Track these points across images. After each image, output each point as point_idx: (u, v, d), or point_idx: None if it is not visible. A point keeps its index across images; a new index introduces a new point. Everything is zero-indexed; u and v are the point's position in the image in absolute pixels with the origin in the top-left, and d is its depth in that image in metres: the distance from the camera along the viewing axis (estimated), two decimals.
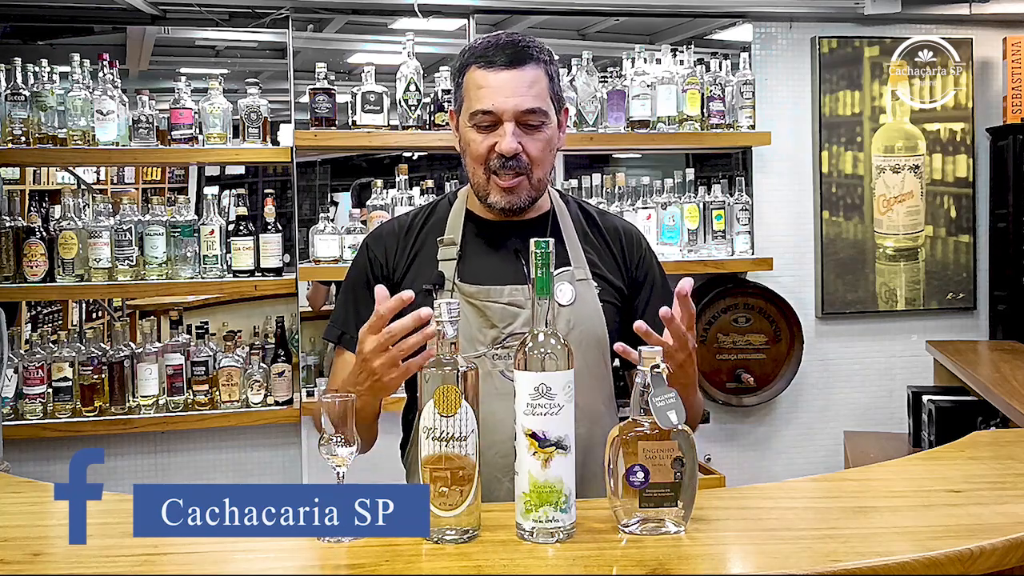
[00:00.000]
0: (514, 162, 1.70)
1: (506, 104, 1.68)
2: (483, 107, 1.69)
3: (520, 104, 1.68)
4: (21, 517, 1.56)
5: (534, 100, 1.69)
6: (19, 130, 3.15)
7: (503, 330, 1.72)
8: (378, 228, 1.92)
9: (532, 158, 1.71)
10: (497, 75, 1.69)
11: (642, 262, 1.86)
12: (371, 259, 1.84)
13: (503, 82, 1.68)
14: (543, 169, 1.74)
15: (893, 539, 1.37)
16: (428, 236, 1.82)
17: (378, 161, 3.64)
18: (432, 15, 3.57)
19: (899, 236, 3.98)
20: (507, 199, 1.73)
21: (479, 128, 1.71)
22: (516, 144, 1.68)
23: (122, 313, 3.54)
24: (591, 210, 1.91)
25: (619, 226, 1.89)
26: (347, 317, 1.83)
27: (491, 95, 1.68)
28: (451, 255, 1.78)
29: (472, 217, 1.83)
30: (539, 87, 1.70)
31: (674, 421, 1.37)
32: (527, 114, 1.69)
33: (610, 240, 1.86)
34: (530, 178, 1.72)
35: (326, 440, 1.42)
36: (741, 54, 3.73)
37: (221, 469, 3.42)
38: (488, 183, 1.73)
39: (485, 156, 1.71)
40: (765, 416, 3.94)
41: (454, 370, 1.37)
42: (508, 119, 1.68)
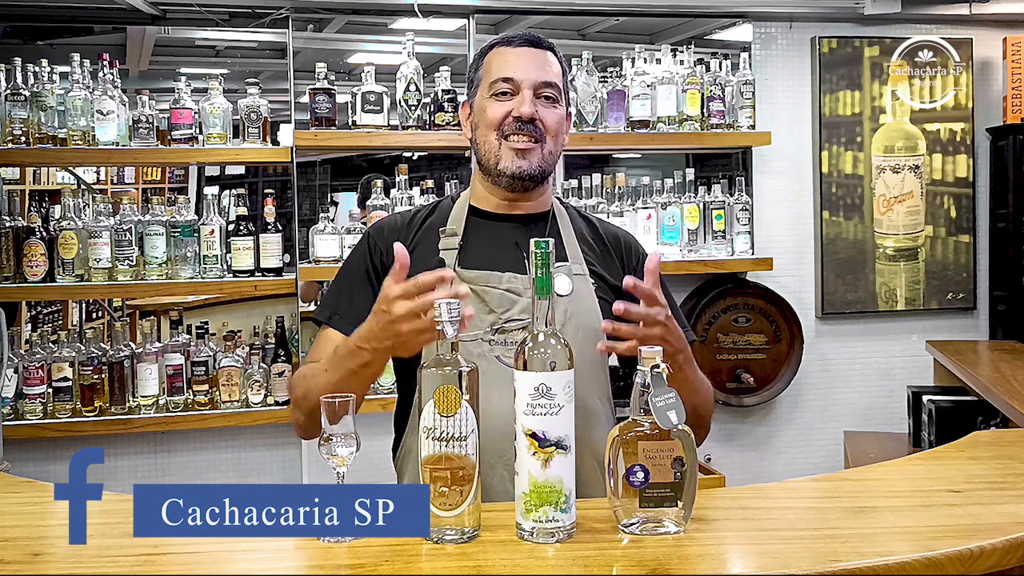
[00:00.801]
0: (530, 126, 1.76)
1: (527, 73, 1.76)
2: (504, 74, 1.77)
3: (539, 76, 1.77)
4: (21, 517, 1.56)
5: (552, 75, 1.79)
6: (19, 130, 3.15)
7: (501, 315, 1.74)
8: (380, 220, 1.94)
9: (547, 127, 1.78)
10: (518, 50, 1.79)
11: (639, 264, 1.88)
12: (371, 248, 1.84)
13: (524, 55, 1.79)
14: (555, 143, 1.81)
15: (893, 539, 1.37)
16: (430, 230, 1.84)
17: (378, 161, 3.64)
18: (432, 15, 3.57)
19: (899, 236, 3.99)
20: (518, 163, 1.77)
21: (497, 97, 1.78)
22: (533, 109, 1.75)
23: (122, 313, 3.54)
24: (591, 217, 1.96)
25: (617, 234, 1.94)
26: (339, 301, 1.83)
27: (512, 65, 1.77)
28: (452, 244, 1.81)
29: (474, 211, 1.86)
30: (556, 69, 1.81)
31: (674, 421, 1.37)
32: (544, 86, 1.77)
33: (610, 245, 1.90)
34: (543, 147, 1.78)
35: (326, 440, 1.42)
36: (741, 54, 3.73)
37: (221, 469, 3.42)
38: (500, 148, 1.78)
39: (500, 121, 1.77)
40: (765, 416, 3.94)
41: (454, 370, 1.37)
42: (527, 87, 1.76)
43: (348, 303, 1.82)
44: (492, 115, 1.77)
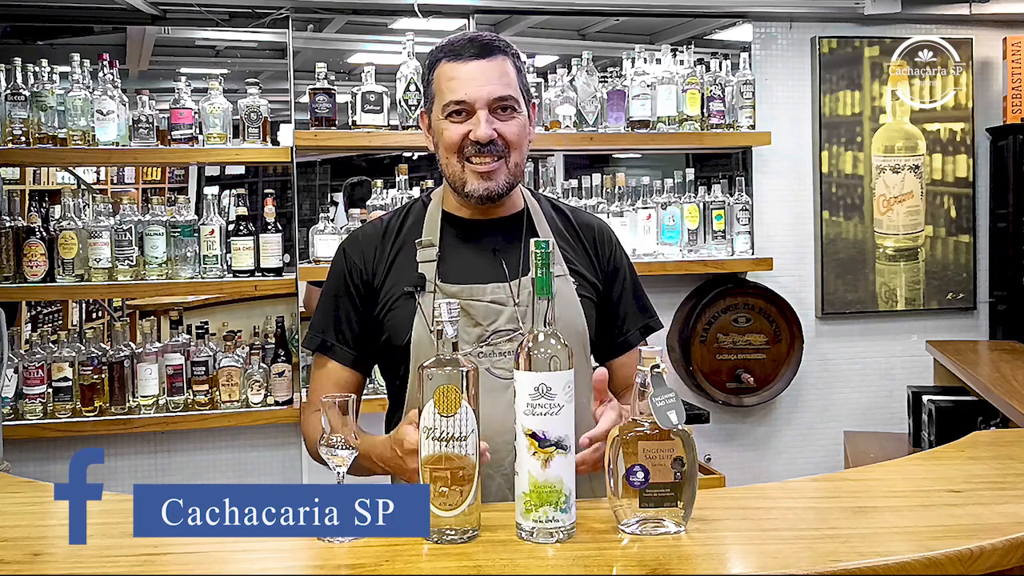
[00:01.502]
0: (491, 147, 1.71)
1: (479, 92, 1.69)
2: (455, 97, 1.70)
3: (492, 92, 1.70)
4: (21, 517, 1.56)
5: (505, 88, 1.71)
6: (19, 130, 3.15)
7: (487, 328, 1.73)
8: (353, 233, 1.91)
9: (509, 141, 1.72)
10: (467, 66, 1.70)
11: (612, 256, 1.89)
12: (349, 266, 1.82)
13: (474, 72, 1.70)
14: (520, 154, 1.75)
15: (893, 539, 1.37)
16: (406, 239, 1.82)
17: (378, 161, 3.64)
18: (432, 15, 3.57)
19: (899, 236, 3.99)
20: (484, 185, 1.73)
21: (452, 118, 1.72)
22: (491, 130, 1.70)
23: (122, 313, 3.54)
24: (563, 207, 1.92)
25: (590, 222, 1.92)
26: (327, 324, 1.83)
27: (463, 85, 1.70)
28: (430, 256, 1.78)
29: (448, 217, 1.82)
30: (508, 77, 1.73)
31: (674, 421, 1.37)
32: (499, 101, 1.71)
33: (583, 236, 1.88)
34: (507, 162, 1.73)
35: (326, 440, 1.42)
36: (741, 54, 3.73)
37: (221, 469, 3.42)
38: (463, 171, 1.73)
39: (459, 143, 1.71)
40: (765, 416, 3.94)
41: (454, 370, 1.37)
42: (481, 107, 1.70)
43: (338, 328, 1.82)
44: (449, 139, 1.72)
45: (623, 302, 1.88)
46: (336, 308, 1.83)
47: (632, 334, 1.88)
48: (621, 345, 1.88)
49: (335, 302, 1.83)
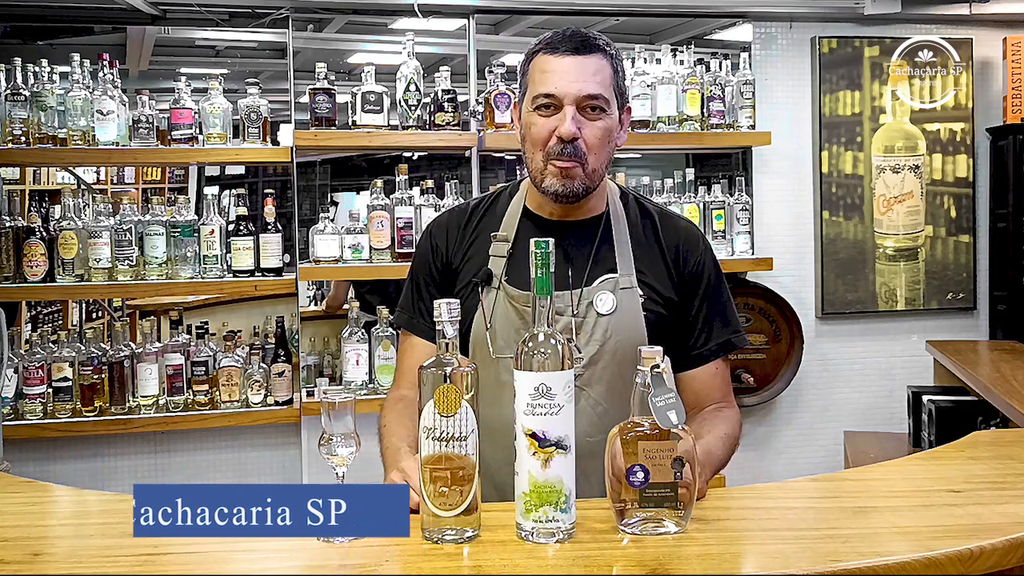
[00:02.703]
0: (571, 147, 1.69)
1: (569, 88, 1.68)
2: (546, 90, 1.70)
3: (582, 89, 1.68)
4: (21, 517, 1.56)
5: (596, 86, 1.69)
6: (19, 130, 3.15)
7: None
8: (440, 215, 1.95)
9: (589, 145, 1.70)
10: (561, 60, 1.70)
11: (697, 264, 1.82)
12: (433, 247, 1.87)
13: (567, 67, 1.69)
14: (599, 159, 1.73)
15: (893, 539, 1.37)
16: (485, 228, 1.83)
17: (378, 161, 3.64)
18: (432, 15, 3.57)
19: (899, 236, 3.99)
20: (562, 183, 1.72)
21: (540, 111, 1.71)
22: (575, 128, 1.68)
23: (122, 313, 3.54)
24: (653, 211, 1.87)
25: (677, 228, 1.85)
26: (412, 303, 1.88)
27: (554, 79, 1.69)
28: (502, 252, 1.79)
29: (528, 214, 1.83)
30: (603, 75, 1.70)
31: (674, 421, 1.37)
32: (588, 99, 1.69)
33: (665, 240, 1.82)
34: (584, 166, 1.71)
35: (326, 440, 1.42)
36: (741, 54, 3.73)
37: (221, 469, 3.42)
38: (545, 168, 1.73)
39: (545, 140, 1.71)
40: (765, 416, 3.94)
41: (454, 370, 1.37)
42: (569, 103, 1.68)
43: (420, 304, 1.86)
44: (536, 133, 1.71)
45: (702, 313, 1.80)
46: (418, 287, 1.88)
47: (707, 348, 1.81)
48: (694, 359, 1.81)
49: (418, 281, 1.88)
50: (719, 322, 1.82)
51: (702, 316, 1.81)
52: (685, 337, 1.81)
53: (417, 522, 1.39)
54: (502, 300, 1.75)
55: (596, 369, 1.72)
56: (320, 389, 3.44)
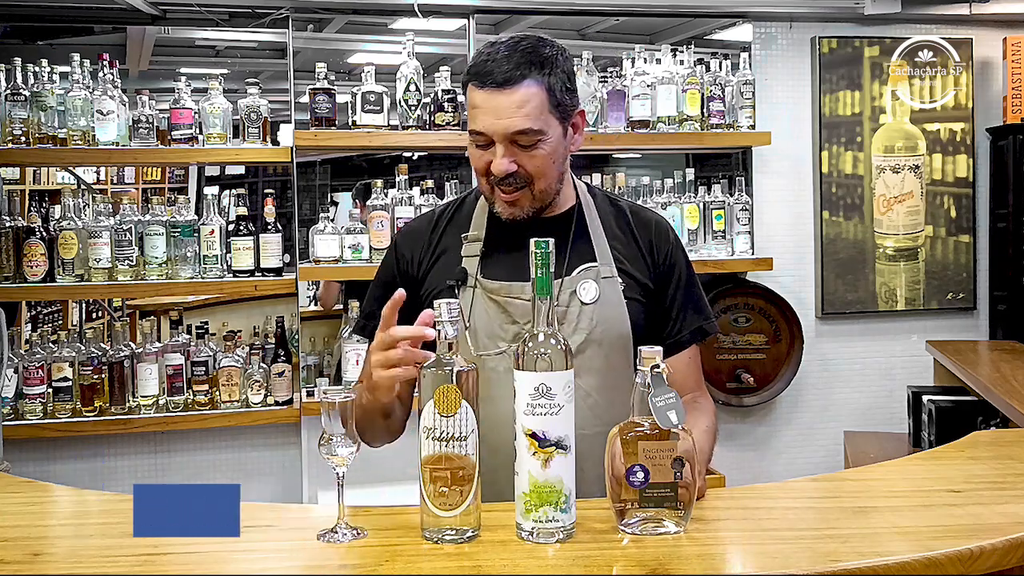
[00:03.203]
0: (511, 179, 1.69)
1: (495, 127, 1.66)
2: (475, 127, 1.69)
3: (509, 127, 1.65)
4: (21, 517, 1.56)
5: (524, 121, 1.65)
6: (19, 130, 3.15)
7: (523, 326, 1.72)
8: (407, 225, 1.95)
9: (530, 172, 1.69)
10: (488, 96, 1.66)
11: (669, 254, 1.84)
12: (398, 257, 1.87)
13: (493, 105, 1.66)
14: (545, 180, 1.72)
15: (893, 539, 1.37)
16: (454, 232, 1.84)
17: (378, 161, 3.64)
18: (432, 15, 3.57)
19: (899, 236, 3.98)
20: (509, 211, 1.74)
21: (477, 143, 1.71)
22: (508, 165, 1.67)
23: (122, 313, 3.54)
24: (622, 204, 1.89)
25: (648, 220, 1.87)
26: (371, 311, 1.88)
27: (482, 116, 1.67)
28: (475, 251, 1.80)
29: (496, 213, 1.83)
30: (531, 106, 1.65)
31: (674, 421, 1.37)
32: (518, 135, 1.66)
33: (639, 235, 1.84)
34: (532, 190, 1.72)
35: (326, 440, 1.42)
36: (741, 54, 3.73)
37: (221, 469, 3.42)
38: (492, 194, 1.74)
39: (484, 170, 1.72)
40: (765, 416, 3.94)
41: (454, 370, 1.37)
42: (499, 140, 1.67)
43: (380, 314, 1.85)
44: (476, 164, 1.72)
45: (677, 302, 1.83)
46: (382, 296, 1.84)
47: (684, 335, 1.83)
48: (672, 347, 1.81)
49: (382, 290, 1.87)
50: (692, 310, 1.84)
51: (676, 305, 1.83)
52: (660, 326, 1.83)
53: (418, 522, 1.39)
54: (480, 297, 1.76)
55: (584, 359, 1.71)
56: (320, 389, 3.44)
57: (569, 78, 1.72)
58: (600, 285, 1.75)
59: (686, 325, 1.83)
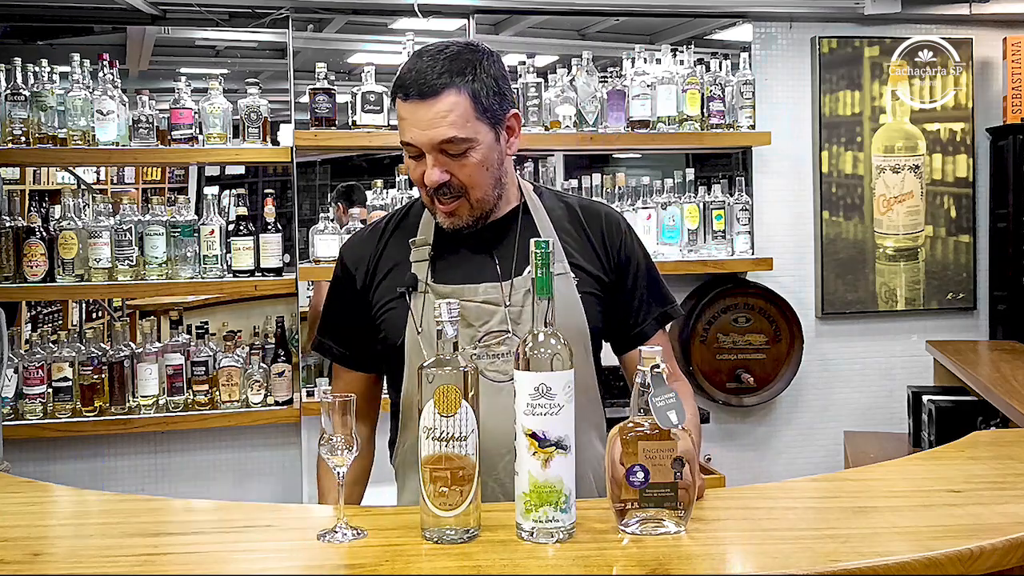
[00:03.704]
0: (446, 188, 1.68)
1: (421, 138, 1.64)
2: (403, 139, 1.68)
3: (434, 137, 1.63)
4: (21, 517, 1.56)
5: (449, 130, 1.62)
6: (19, 130, 3.15)
7: (479, 329, 1.71)
8: (352, 237, 1.93)
9: (463, 181, 1.67)
10: (412, 108, 1.64)
11: (623, 245, 1.82)
12: (345, 271, 1.85)
13: (418, 115, 1.64)
14: (481, 189, 1.70)
15: (893, 539, 1.37)
16: (401, 239, 1.82)
17: (378, 161, 3.64)
18: (432, 15, 3.57)
19: (899, 236, 3.99)
20: (449, 220, 1.72)
21: (410, 156, 1.70)
22: (439, 175, 1.66)
23: (122, 313, 3.54)
24: (568, 200, 1.87)
25: (598, 212, 1.85)
26: (326, 328, 1.89)
27: (408, 128, 1.66)
28: (423, 256, 1.78)
29: None
30: (455, 114, 1.62)
31: (674, 421, 1.37)
32: (445, 143, 1.64)
33: (589, 228, 1.82)
34: (469, 199, 1.70)
35: (326, 440, 1.42)
36: (741, 54, 3.73)
37: (221, 469, 3.42)
38: (432, 204, 1.73)
39: (420, 181, 1.70)
40: (765, 416, 3.94)
41: (454, 370, 1.37)
42: (428, 151, 1.65)
43: (335, 331, 1.87)
44: (412, 175, 1.72)
45: (637, 292, 1.82)
46: (335, 313, 1.88)
47: (648, 324, 1.82)
48: (637, 337, 1.81)
49: (334, 307, 1.88)
50: (653, 298, 1.84)
51: (637, 295, 1.82)
52: (624, 318, 1.82)
53: (418, 522, 1.39)
54: (432, 302, 1.73)
55: None
56: (320, 389, 3.44)
57: (497, 82, 1.68)
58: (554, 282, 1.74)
59: (649, 314, 1.83)
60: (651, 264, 1.88)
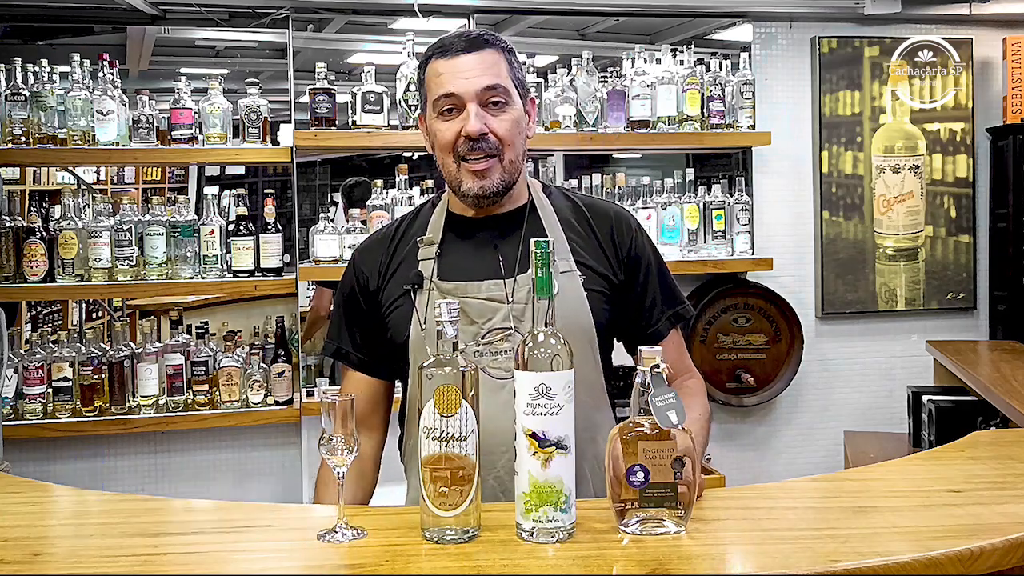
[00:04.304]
0: (482, 143, 1.69)
1: (467, 85, 1.68)
2: (444, 91, 1.70)
3: (480, 83, 1.68)
4: (21, 517, 1.56)
5: (493, 78, 1.69)
6: (19, 130, 3.15)
7: (482, 326, 1.71)
8: (366, 240, 1.94)
9: (500, 137, 1.70)
10: (455, 60, 1.70)
11: (633, 244, 1.82)
12: (356, 274, 1.86)
13: (462, 65, 1.69)
14: (514, 150, 1.73)
15: (893, 539, 1.37)
16: (411, 239, 1.83)
17: (378, 161, 3.64)
18: (432, 15, 3.57)
19: (899, 236, 3.99)
20: (479, 184, 1.72)
21: (444, 116, 1.71)
22: (481, 124, 1.68)
23: (122, 313, 3.54)
24: (576, 198, 1.88)
25: (606, 212, 1.85)
26: (340, 332, 1.88)
27: (451, 79, 1.69)
28: (430, 254, 1.78)
29: (451, 216, 1.83)
30: (498, 68, 1.71)
31: (674, 421, 1.37)
32: (489, 91, 1.69)
33: (597, 227, 1.82)
34: (501, 159, 1.71)
35: (326, 440, 1.42)
36: (741, 54, 3.73)
37: (221, 469, 3.42)
38: (459, 171, 1.73)
39: (453, 143, 1.71)
40: (765, 416, 3.94)
41: (454, 370, 1.37)
42: (471, 99, 1.69)
43: (348, 333, 1.87)
44: (443, 138, 1.71)
45: (649, 291, 1.82)
46: (346, 316, 1.88)
47: (662, 323, 1.82)
48: (652, 336, 1.81)
49: (345, 310, 1.88)
50: (665, 298, 1.83)
51: (649, 295, 1.82)
52: (636, 318, 1.82)
53: (418, 522, 1.39)
54: (436, 299, 1.73)
55: None
56: (320, 389, 3.44)
57: (520, 64, 1.78)
58: (558, 280, 1.72)
59: (663, 313, 1.83)
60: (662, 264, 1.87)
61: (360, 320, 1.84)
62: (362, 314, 1.84)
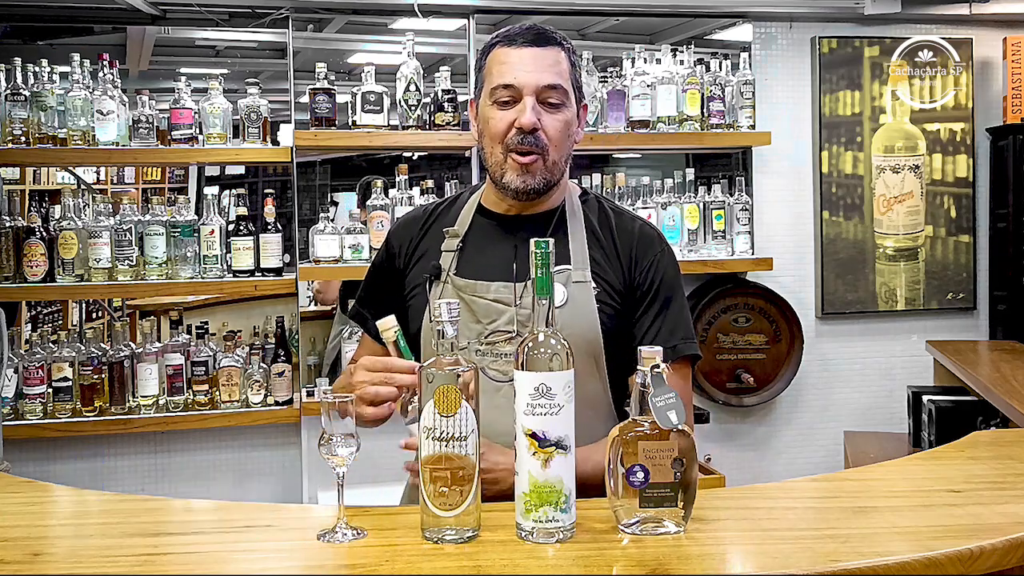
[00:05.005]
0: (532, 138, 1.68)
1: (527, 78, 1.68)
2: (504, 81, 1.70)
3: (541, 79, 1.69)
4: (21, 517, 1.56)
5: (555, 76, 1.70)
6: (19, 130, 3.15)
7: (487, 326, 1.71)
8: (403, 216, 1.96)
9: (549, 137, 1.70)
10: (520, 51, 1.70)
11: (651, 267, 1.77)
12: (389, 248, 1.89)
13: (525, 58, 1.70)
14: (559, 152, 1.72)
15: (893, 539, 1.37)
16: (439, 227, 1.84)
17: (378, 161, 3.64)
18: (432, 15, 3.57)
19: (899, 236, 3.99)
20: (522, 178, 1.71)
21: (500, 105, 1.71)
22: (535, 119, 1.68)
23: (122, 313, 3.54)
24: (611, 210, 1.84)
25: (631, 229, 1.81)
26: (365, 297, 1.92)
27: (513, 70, 1.69)
28: (452, 247, 1.79)
29: (482, 210, 1.83)
30: (560, 67, 1.71)
31: (674, 421, 1.37)
32: (548, 90, 1.69)
33: (619, 240, 1.79)
34: (545, 159, 1.71)
35: (326, 440, 1.42)
36: (741, 54, 3.73)
37: (221, 469, 3.42)
38: (505, 162, 1.72)
39: (504, 132, 1.70)
40: (765, 416, 3.94)
41: (454, 370, 1.36)
42: (528, 93, 1.69)
43: (372, 301, 1.89)
44: (495, 127, 1.70)
45: (648, 317, 1.75)
46: (373, 285, 1.92)
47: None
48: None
49: (373, 279, 1.92)
50: (666, 327, 1.75)
51: (649, 320, 1.75)
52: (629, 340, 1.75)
53: (418, 522, 1.39)
54: (449, 293, 1.74)
55: None
56: (320, 389, 3.44)
57: (580, 65, 1.79)
58: (569, 289, 1.71)
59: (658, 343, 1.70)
60: (677, 293, 1.79)
61: (384, 294, 1.86)
62: (386, 290, 1.86)
